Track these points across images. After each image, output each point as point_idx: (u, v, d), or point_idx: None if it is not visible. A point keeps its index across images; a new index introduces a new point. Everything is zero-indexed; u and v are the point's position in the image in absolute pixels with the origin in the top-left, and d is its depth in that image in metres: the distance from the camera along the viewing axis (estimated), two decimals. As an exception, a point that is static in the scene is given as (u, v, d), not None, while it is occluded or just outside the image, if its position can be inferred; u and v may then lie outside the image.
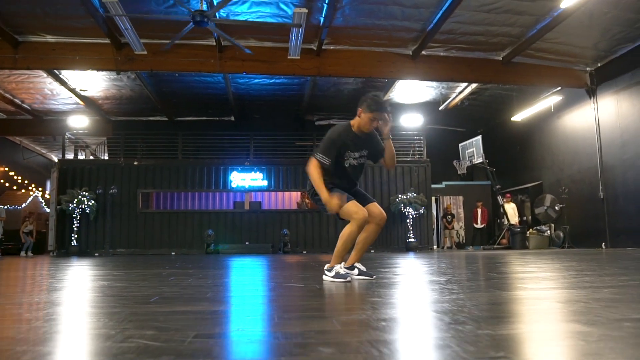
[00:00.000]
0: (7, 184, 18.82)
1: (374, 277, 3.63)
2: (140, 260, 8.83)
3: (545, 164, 15.09)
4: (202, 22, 8.24)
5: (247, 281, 4.06)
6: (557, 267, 4.98)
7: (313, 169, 3.51)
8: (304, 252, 14.74)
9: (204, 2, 8.57)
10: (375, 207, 3.67)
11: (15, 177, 19.27)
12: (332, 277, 3.44)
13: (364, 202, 3.64)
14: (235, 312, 2.18)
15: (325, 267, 3.58)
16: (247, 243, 14.99)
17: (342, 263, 3.54)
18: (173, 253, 14.44)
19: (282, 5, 9.89)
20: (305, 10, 9.24)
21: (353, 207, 3.48)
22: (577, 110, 13.53)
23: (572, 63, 12.57)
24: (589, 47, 11.73)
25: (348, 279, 3.38)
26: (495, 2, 9.62)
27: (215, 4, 9.61)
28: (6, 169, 18.92)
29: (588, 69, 12.73)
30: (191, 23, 8.30)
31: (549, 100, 13.97)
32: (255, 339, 1.50)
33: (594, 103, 12.70)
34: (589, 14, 10.06)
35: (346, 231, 3.50)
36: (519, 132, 16.24)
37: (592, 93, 12.73)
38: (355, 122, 3.64)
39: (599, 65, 12.45)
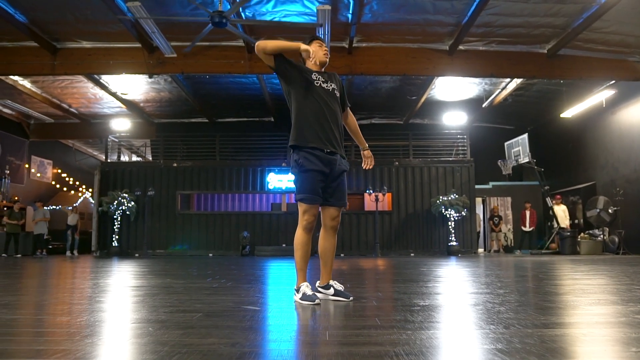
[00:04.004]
0: (58, 186, 19.55)
1: (351, 298, 3.18)
2: (188, 263, 8.85)
3: (599, 163, 14.06)
4: (221, 22, 8.09)
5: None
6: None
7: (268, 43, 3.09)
8: (342, 255, 14.42)
9: (223, 2, 8.42)
10: (333, 211, 3.23)
11: (67, 179, 20.01)
12: (300, 298, 3.05)
13: (330, 202, 3.20)
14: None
15: (295, 287, 3.19)
16: (283, 245, 14.82)
17: (306, 282, 3.12)
18: (210, 255, 14.50)
19: (307, 3, 9.62)
20: (328, 7, 8.93)
21: (303, 208, 3.10)
22: (633, 105, 12.50)
23: (626, 54, 11.59)
24: (645, 36, 10.77)
25: (317, 301, 2.96)
26: (534, -10, 8.97)
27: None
28: (59, 170, 19.68)
29: (644, 60, 11.72)
30: (210, 24, 8.16)
31: (600, 95, 12.97)
32: None
33: (651, 97, 11.68)
34: (642, 0, 9.20)
35: (296, 239, 3.17)
36: (569, 129, 15.24)
37: (649, 86, 11.71)
38: (308, 65, 3.30)
39: (656, 55, 11.44)
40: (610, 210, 12.90)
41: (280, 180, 15.57)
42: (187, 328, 2.16)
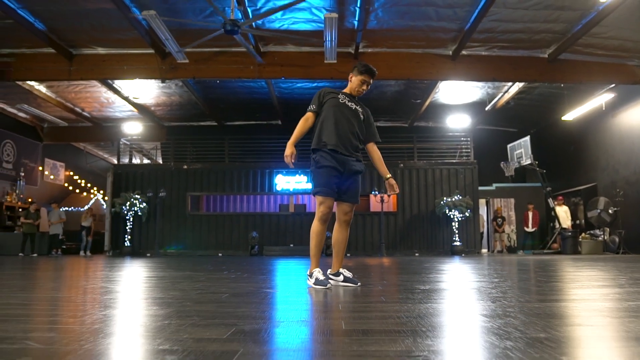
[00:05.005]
0: (70, 188, 20.02)
1: (359, 284, 3.54)
2: (200, 261, 9.22)
3: (600, 165, 14.36)
4: (233, 30, 8.47)
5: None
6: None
7: (300, 122, 3.57)
8: (348, 254, 14.76)
9: (235, 11, 8.80)
10: (345, 206, 3.57)
11: (79, 181, 20.48)
12: (313, 283, 3.38)
13: (343, 197, 3.55)
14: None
15: (308, 272, 3.54)
16: (291, 245, 15.19)
17: (318, 268, 3.47)
18: (220, 254, 14.88)
19: (314, 11, 10.00)
20: (335, 15, 9.28)
21: (319, 200, 3.46)
22: (633, 108, 12.80)
23: (625, 58, 11.90)
24: (643, 41, 11.09)
25: (328, 286, 3.31)
26: (533, -2, 9.30)
27: (250, 13, 9.90)
28: (71, 173, 20.15)
29: (643, 64, 12.02)
30: (221, 29, 8.53)
31: (601, 98, 13.27)
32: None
33: (650, 100, 11.98)
34: (639, 6, 9.51)
35: (312, 229, 3.51)
36: (571, 132, 15.54)
37: (648, 89, 12.01)
38: (347, 87, 3.73)
39: (654, 59, 11.74)
40: (610, 211, 13.19)
41: (288, 182, 15.94)
42: (220, 302, 2.53)
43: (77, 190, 20.30)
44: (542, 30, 10.71)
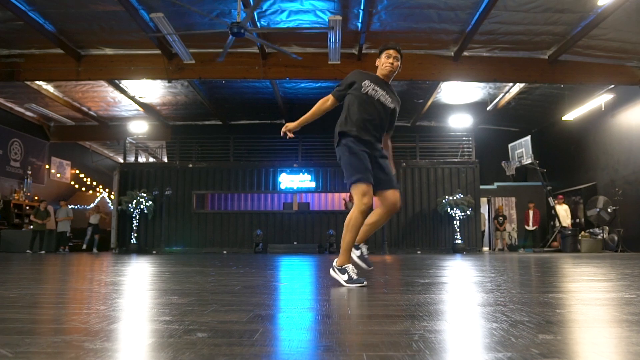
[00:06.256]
0: (77, 186, 20.28)
1: (372, 268, 3.57)
2: (207, 258, 9.46)
3: (599, 164, 14.54)
4: (239, 33, 8.68)
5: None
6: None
7: (318, 102, 3.44)
8: (350, 252, 14.96)
9: (241, 13, 9.01)
10: (392, 194, 3.34)
11: (84, 179, 20.75)
12: (346, 281, 3.14)
13: (384, 185, 3.32)
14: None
15: (335, 264, 3.24)
16: (295, 243, 15.42)
17: (352, 265, 3.22)
18: (225, 252, 15.11)
19: (319, 13, 10.21)
20: (339, 17, 9.51)
21: (361, 189, 3.15)
22: (631, 109, 12.98)
23: (624, 59, 12.08)
24: (641, 43, 11.27)
25: (364, 282, 3.12)
26: (533, 0, 9.49)
27: (255, 15, 10.12)
28: (77, 171, 20.41)
29: (642, 65, 12.20)
30: (231, 36, 8.75)
31: (600, 99, 13.46)
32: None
33: (649, 101, 12.16)
34: (637, 9, 9.69)
35: (350, 217, 3.20)
36: (571, 131, 15.73)
37: (646, 90, 12.20)
38: (379, 71, 3.49)
39: (653, 61, 11.92)
40: (609, 210, 13.38)
41: (292, 181, 16.16)
42: (234, 293, 2.75)
43: (83, 189, 20.57)
44: (542, 32, 10.90)
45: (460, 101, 15.98)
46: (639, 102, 12.56)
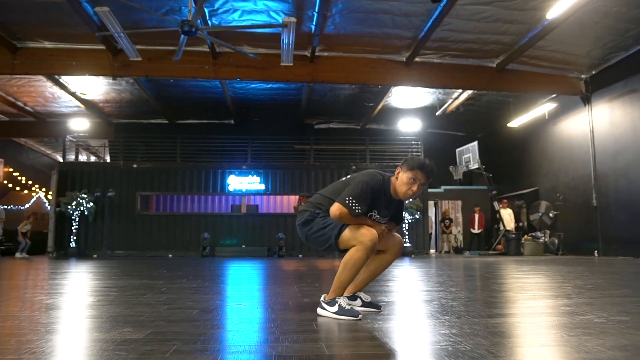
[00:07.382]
0: (10, 185, 19.11)
1: (381, 308, 3.04)
2: (152, 264, 9.03)
3: (542, 170, 15.08)
4: (191, 32, 8.34)
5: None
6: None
7: (340, 215, 2.74)
8: (300, 255, 14.85)
9: (192, 11, 8.67)
10: (395, 235, 3.05)
11: (19, 178, 19.57)
12: (335, 312, 2.73)
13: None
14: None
15: (323, 299, 2.84)
16: (243, 246, 15.12)
17: (344, 296, 2.85)
18: (170, 255, 14.62)
19: (272, 14, 10.01)
20: (294, 19, 9.31)
21: (363, 228, 2.75)
22: (572, 118, 13.51)
23: (566, 70, 12.56)
24: (583, 55, 11.72)
25: (359, 316, 2.69)
26: (485, 11, 9.66)
27: (207, 13, 9.80)
28: (10, 169, 19.22)
29: (583, 76, 12.71)
30: (183, 35, 8.40)
31: (543, 107, 13.95)
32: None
33: (588, 111, 12.68)
34: (580, 23, 10.06)
35: (352, 257, 2.74)
36: (516, 138, 16.23)
37: (586, 100, 12.71)
38: (392, 182, 2.93)
39: (593, 72, 12.43)
40: (551, 214, 13.90)
41: (241, 183, 15.85)
42: (193, 322, 2.54)
43: (18, 188, 19.40)
44: (492, 42, 11.14)
45: (410, 105, 16.16)
46: (579, 111, 13.08)
